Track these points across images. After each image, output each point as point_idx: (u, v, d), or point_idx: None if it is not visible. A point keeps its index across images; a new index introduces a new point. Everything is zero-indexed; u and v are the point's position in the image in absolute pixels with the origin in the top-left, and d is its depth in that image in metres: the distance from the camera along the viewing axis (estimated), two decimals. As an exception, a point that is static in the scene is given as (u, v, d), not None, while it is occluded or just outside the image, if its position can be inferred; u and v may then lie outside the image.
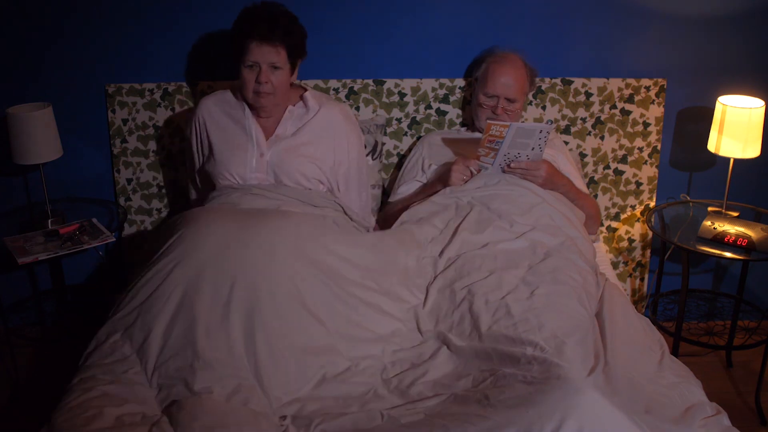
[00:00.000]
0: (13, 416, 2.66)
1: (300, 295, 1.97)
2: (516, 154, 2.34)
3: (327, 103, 2.48)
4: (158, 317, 1.93)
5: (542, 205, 2.32)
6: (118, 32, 2.78)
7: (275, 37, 2.27)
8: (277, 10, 2.34)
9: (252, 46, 2.27)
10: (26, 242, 2.52)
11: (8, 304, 3.00)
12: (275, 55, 2.29)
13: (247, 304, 1.91)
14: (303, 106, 2.45)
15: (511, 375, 1.76)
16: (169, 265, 2.01)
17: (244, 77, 2.32)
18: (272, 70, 2.31)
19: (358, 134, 2.54)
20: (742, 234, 2.58)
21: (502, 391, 1.70)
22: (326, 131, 2.44)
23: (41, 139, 2.58)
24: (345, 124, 2.47)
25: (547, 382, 1.67)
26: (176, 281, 1.97)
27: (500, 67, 2.61)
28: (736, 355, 2.98)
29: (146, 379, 1.85)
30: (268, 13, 2.30)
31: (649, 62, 2.89)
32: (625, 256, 3.07)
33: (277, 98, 2.36)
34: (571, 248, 2.20)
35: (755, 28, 2.86)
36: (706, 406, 1.74)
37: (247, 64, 2.29)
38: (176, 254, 2.02)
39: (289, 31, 2.31)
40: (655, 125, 2.92)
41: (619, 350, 1.85)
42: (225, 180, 2.39)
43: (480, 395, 1.71)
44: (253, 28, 2.27)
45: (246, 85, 2.32)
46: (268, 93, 2.33)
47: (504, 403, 1.65)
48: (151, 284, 2.00)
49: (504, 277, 2.07)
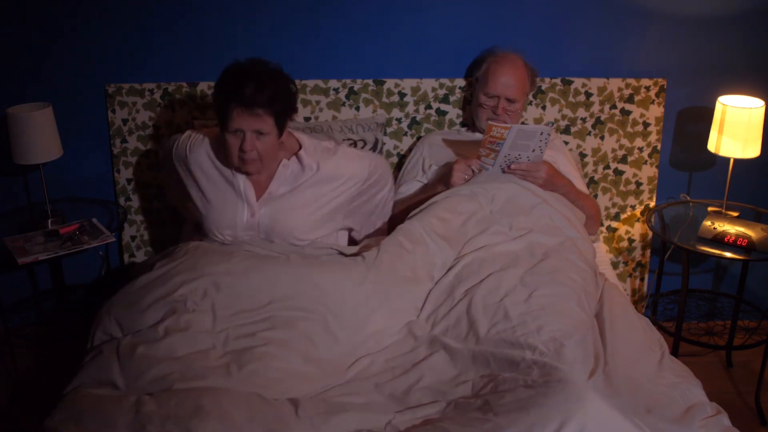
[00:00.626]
0: (13, 416, 2.66)
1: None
2: (516, 155, 2.34)
3: (325, 157, 2.31)
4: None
5: (542, 205, 2.32)
6: (118, 32, 2.78)
7: (259, 104, 2.08)
8: (263, 71, 2.15)
9: (234, 114, 2.09)
10: (26, 242, 2.52)
11: (8, 304, 3.00)
12: (260, 123, 2.11)
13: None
14: (298, 164, 2.28)
15: (511, 379, 1.75)
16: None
17: (228, 142, 2.15)
18: (258, 135, 2.13)
19: (360, 166, 2.36)
20: (742, 234, 2.58)
21: (502, 395, 1.70)
22: (324, 185, 2.31)
23: (41, 139, 2.58)
24: (344, 170, 2.32)
25: (548, 386, 1.66)
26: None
27: (501, 68, 2.61)
28: (736, 355, 2.98)
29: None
30: (252, 75, 2.10)
31: (649, 62, 2.89)
32: (625, 256, 3.07)
33: (265, 163, 2.20)
34: (570, 249, 2.20)
35: (755, 28, 2.86)
36: (707, 406, 1.74)
37: (231, 130, 2.12)
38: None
39: (275, 96, 2.11)
40: (655, 125, 2.92)
41: (619, 350, 1.84)
42: (215, 237, 2.29)
43: (480, 402, 1.71)
44: (235, 92, 2.07)
45: (230, 150, 2.16)
46: (253, 160, 2.16)
47: (505, 407, 1.64)
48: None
49: (502, 279, 2.06)
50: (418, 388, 1.84)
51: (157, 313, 1.96)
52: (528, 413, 1.59)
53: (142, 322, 1.95)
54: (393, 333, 2.04)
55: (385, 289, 2.07)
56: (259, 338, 1.91)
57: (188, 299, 1.98)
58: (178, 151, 2.36)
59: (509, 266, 2.11)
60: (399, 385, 1.86)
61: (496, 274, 2.08)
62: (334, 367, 1.92)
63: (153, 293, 2.00)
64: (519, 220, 2.26)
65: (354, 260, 2.15)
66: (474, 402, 1.72)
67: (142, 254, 2.97)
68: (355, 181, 2.35)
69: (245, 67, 2.16)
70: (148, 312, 1.97)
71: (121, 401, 1.70)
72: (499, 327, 1.91)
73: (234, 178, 2.27)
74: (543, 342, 1.82)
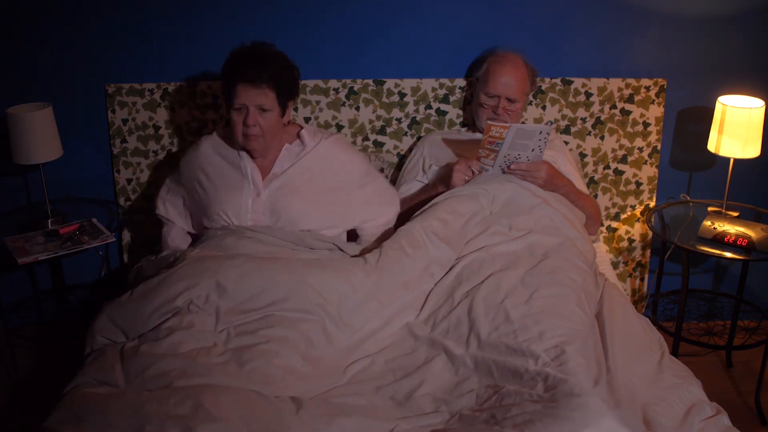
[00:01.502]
0: (13, 416, 2.66)
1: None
2: (516, 155, 2.34)
3: (323, 137, 2.43)
4: None
5: (542, 206, 2.31)
6: (118, 32, 2.78)
7: (262, 79, 2.22)
8: (266, 51, 2.31)
9: (238, 89, 2.23)
10: (26, 242, 2.52)
11: (8, 304, 3.01)
12: (263, 98, 2.24)
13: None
14: (300, 143, 2.42)
15: (515, 393, 1.74)
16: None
17: (232, 119, 2.29)
18: (260, 112, 2.26)
19: (358, 157, 2.51)
20: (742, 234, 2.58)
21: (508, 409, 1.69)
22: (323, 164, 2.40)
23: (41, 139, 2.58)
24: (341, 152, 2.44)
25: (556, 400, 1.65)
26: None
27: (501, 68, 2.61)
28: (736, 355, 2.98)
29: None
30: (256, 55, 2.26)
31: (649, 62, 2.89)
32: (625, 256, 3.07)
33: (267, 140, 2.32)
34: (570, 249, 2.20)
35: (755, 28, 2.86)
36: (707, 406, 1.75)
37: (235, 106, 2.26)
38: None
39: (277, 73, 2.26)
40: (655, 125, 2.92)
41: (620, 352, 1.84)
42: (220, 220, 2.33)
43: (486, 415, 1.70)
44: (239, 70, 2.24)
45: (234, 127, 2.30)
46: (256, 135, 2.28)
47: (511, 420, 1.64)
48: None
49: (503, 279, 2.06)
50: (419, 395, 1.83)
51: (160, 319, 1.97)
52: (535, 425, 1.59)
53: (145, 328, 1.97)
54: (392, 334, 2.04)
55: (385, 292, 2.09)
56: (260, 336, 1.92)
57: (192, 303, 1.99)
58: (185, 156, 2.48)
59: (509, 266, 2.11)
60: (401, 389, 1.86)
61: (496, 275, 2.09)
62: (333, 368, 1.93)
63: (154, 301, 2.00)
64: (519, 221, 2.26)
65: (355, 262, 2.16)
66: (479, 415, 1.71)
67: (143, 254, 2.97)
68: (355, 164, 2.46)
69: (250, 47, 2.33)
70: (151, 319, 1.97)
71: (120, 401, 1.69)
72: (501, 330, 1.91)
73: (241, 161, 2.37)
74: (545, 350, 1.82)
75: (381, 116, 2.89)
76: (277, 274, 2.05)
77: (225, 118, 2.84)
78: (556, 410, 1.61)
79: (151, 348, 1.86)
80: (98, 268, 3.03)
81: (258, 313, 1.99)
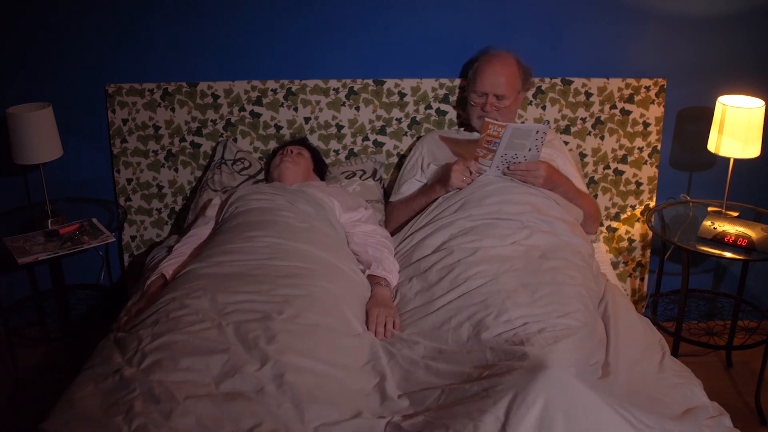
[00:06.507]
0: (13, 416, 2.66)
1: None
2: (513, 155, 2.33)
3: (330, 184, 2.73)
4: None
5: (540, 207, 2.31)
6: (118, 32, 2.78)
7: (298, 143, 2.79)
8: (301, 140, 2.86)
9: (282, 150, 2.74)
10: (26, 242, 2.52)
11: (8, 304, 3.01)
12: (299, 150, 2.72)
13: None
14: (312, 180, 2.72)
15: (506, 365, 1.75)
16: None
17: (273, 162, 2.73)
18: (298, 156, 2.67)
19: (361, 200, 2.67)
20: (742, 234, 2.58)
21: (492, 375, 1.72)
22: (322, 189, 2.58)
23: (41, 139, 2.58)
24: (326, 185, 2.63)
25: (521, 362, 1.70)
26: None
27: (489, 66, 2.60)
28: (736, 355, 2.98)
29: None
30: (292, 141, 2.83)
31: (649, 62, 2.89)
32: (625, 256, 3.07)
33: (298, 171, 2.64)
34: (567, 249, 2.20)
35: (755, 28, 2.86)
36: (708, 407, 1.74)
37: (277, 159, 2.72)
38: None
39: (309, 145, 2.81)
40: (655, 125, 2.92)
41: (621, 351, 1.84)
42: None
43: (478, 387, 1.70)
44: (283, 146, 2.78)
45: (273, 162, 2.73)
46: (292, 163, 2.64)
47: (495, 375, 1.69)
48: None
49: (503, 280, 2.05)
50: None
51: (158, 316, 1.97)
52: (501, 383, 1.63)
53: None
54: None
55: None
56: (257, 311, 1.93)
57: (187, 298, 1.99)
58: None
59: (508, 269, 2.10)
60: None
61: (496, 277, 2.07)
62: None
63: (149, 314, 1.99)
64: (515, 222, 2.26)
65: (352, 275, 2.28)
66: (470, 387, 1.71)
67: (143, 254, 2.97)
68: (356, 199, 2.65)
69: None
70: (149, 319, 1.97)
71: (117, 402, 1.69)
72: (503, 336, 1.89)
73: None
74: (543, 338, 1.82)
75: (381, 116, 2.89)
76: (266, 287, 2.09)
77: (226, 117, 2.84)
78: (514, 369, 1.66)
79: (152, 329, 1.87)
80: (98, 268, 3.03)
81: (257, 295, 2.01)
